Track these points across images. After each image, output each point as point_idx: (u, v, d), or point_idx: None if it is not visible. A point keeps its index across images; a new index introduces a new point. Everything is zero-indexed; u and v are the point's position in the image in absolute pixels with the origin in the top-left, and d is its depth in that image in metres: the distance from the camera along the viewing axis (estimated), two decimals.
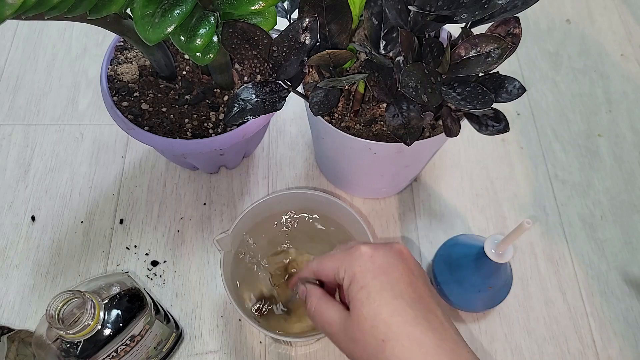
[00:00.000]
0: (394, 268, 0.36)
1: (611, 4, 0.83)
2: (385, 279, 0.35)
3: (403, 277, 0.36)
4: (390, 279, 0.35)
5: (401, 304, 0.34)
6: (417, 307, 0.34)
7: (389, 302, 0.34)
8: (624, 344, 0.56)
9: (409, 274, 0.36)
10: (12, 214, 0.61)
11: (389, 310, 0.34)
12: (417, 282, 0.36)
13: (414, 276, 0.36)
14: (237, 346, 0.54)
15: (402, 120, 0.43)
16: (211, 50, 0.40)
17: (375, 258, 0.36)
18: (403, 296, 0.34)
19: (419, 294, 0.35)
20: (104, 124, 0.68)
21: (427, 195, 0.64)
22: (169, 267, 0.58)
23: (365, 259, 0.36)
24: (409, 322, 0.33)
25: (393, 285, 0.35)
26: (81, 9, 0.35)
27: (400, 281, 0.35)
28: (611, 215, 0.64)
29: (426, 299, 0.35)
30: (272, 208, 0.53)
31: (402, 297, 0.34)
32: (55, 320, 0.37)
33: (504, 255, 0.48)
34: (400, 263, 0.37)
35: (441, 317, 0.35)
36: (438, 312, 0.35)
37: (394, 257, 0.37)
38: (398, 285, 0.35)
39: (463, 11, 0.37)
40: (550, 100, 0.73)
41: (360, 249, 0.37)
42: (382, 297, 0.34)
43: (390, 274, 0.36)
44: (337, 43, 0.43)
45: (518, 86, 0.41)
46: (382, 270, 0.36)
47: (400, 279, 0.35)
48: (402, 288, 0.35)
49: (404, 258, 0.37)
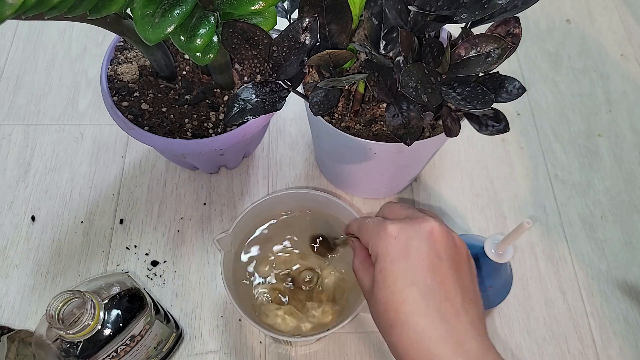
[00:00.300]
0: (416, 252, 0.35)
1: (611, 4, 0.83)
2: (403, 265, 0.35)
3: (424, 262, 0.35)
4: (408, 264, 0.35)
5: (414, 293, 0.34)
6: (431, 297, 0.34)
7: (402, 289, 0.34)
8: (624, 344, 0.56)
9: (432, 258, 0.35)
10: (12, 214, 0.61)
11: (400, 298, 0.34)
12: (441, 267, 0.35)
13: (438, 260, 0.35)
14: (237, 346, 0.54)
15: (402, 120, 0.43)
16: (211, 50, 0.40)
17: (398, 240, 0.36)
18: (418, 284, 0.34)
19: (439, 280, 0.34)
20: (104, 124, 0.68)
21: (427, 195, 0.64)
22: (169, 267, 0.58)
23: (389, 240, 0.36)
24: (417, 312, 0.33)
25: (410, 272, 0.34)
26: (81, 9, 0.35)
27: (419, 267, 0.35)
28: (611, 215, 0.64)
29: (447, 285, 0.34)
30: (272, 208, 0.53)
31: (417, 285, 0.34)
32: (55, 320, 0.37)
33: (504, 255, 0.48)
34: (426, 246, 0.35)
35: (457, 304, 0.34)
36: (456, 300, 0.34)
37: (419, 238, 0.36)
38: (415, 272, 0.34)
39: (463, 11, 0.37)
40: (550, 100, 0.73)
41: (387, 228, 0.36)
42: (396, 283, 0.34)
43: (411, 258, 0.35)
44: (337, 43, 0.43)
45: (518, 86, 0.41)
46: (402, 254, 0.35)
47: (420, 264, 0.35)
48: (420, 275, 0.34)
49: (432, 239, 0.36)
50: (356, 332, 0.55)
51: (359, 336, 0.55)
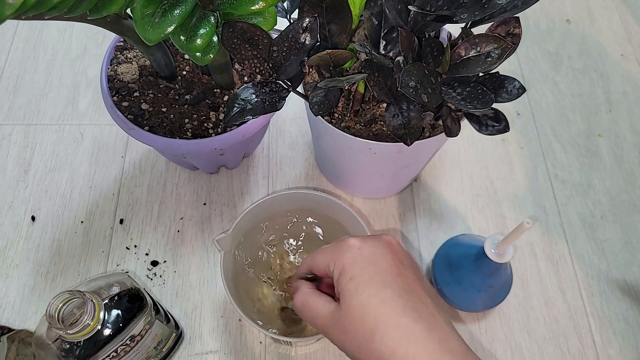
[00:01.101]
0: (382, 258, 0.36)
1: (611, 4, 0.83)
2: (373, 270, 0.36)
3: (392, 267, 0.36)
4: (378, 269, 0.36)
5: (389, 294, 0.34)
6: (405, 297, 0.34)
7: (377, 292, 0.34)
8: (624, 344, 0.56)
9: (397, 265, 0.36)
10: (12, 214, 0.61)
11: (377, 300, 0.34)
12: (406, 272, 0.36)
13: (402, 266, 0.37)
14: (237, 346, 0.54)
15: (402, 120, 0.43)
16: (211, 50, 0.40)
17: (363, 249, 0.37)
18: (392, 286, 0.35)
19: (408, 283, 0.36)
20: (104, 124, 0.68)
21: (427, 195, 0.64)
22: (169, 267, 0.58)
23: (353, 251, 0.37)
24: (397, 311, 0.34)
25: (381, 276, 0.35)
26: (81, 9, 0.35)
27: (388, 271, 0.36)
28: (611, 215, 0.64)
29: (415, 288, 0.36)
30: (272, 208, 0.53)
31: (391, 287, 0.35)
32: (55, 320, 0.37)
33: (504, 255, 0.48)
34: (389, 254, 0.37)
35: (431, 306, 0.35)
36: (427, 302, 0.35)
37: (382, 247, 0.37)
38: (386, 276, 0.35)
39: (463, 11, 0.37)
40: (550, 100, 0.73)
41: (348, 242, 0.38)
42: (370, 287, 0.35)
43: (379, 264, 0.36)
44: (337, 43, 0.43)
45: (518, 86, 0.41)
46: (370, 261, 0.36)
47: (389, 269, 0.36)
48: (391, 278, 0.35)
49: (392, 249, 0.38)
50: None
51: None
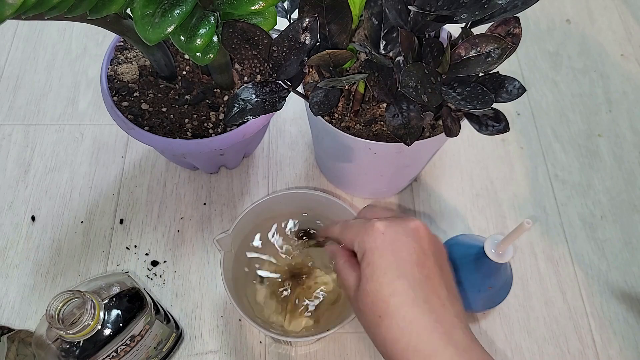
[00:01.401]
0: (404, 247, 0.36)
1: (611, 4, 0.83)
2: (391, 258, 0.36)
3: (412, 256, 0.36)
4: (396, 258, 0.36)
5: (403, 285, 0.35)
6: (419, 288, 0.35)
7: (391, 281, 0.35)
8: (624, 344, 0.56)
9: (418, 253, 0.36)
10: (12, 214, 0.61)
11: (390, 289, 0.35)
12: (427, 262, 0.36)
13: (424, 255, 0.37)
14: (237, 346, 0.54)
15: (402, 120, 0.43)
16: (211, 50, 0.40)
17: (386, 235, 0.37)
18: (407, 276, 0.35)
19: (426, 274, 0.36)
20: (104, 124, 0.68)
21: (427, 195, 0.64)
22: (169, 267, 0.58)
23: (376, 236, 0.37)
24: (407, 302, 0.34)
25: (399, 265, 0.36)
26: (81, 9, 0.35)
27: (407, 260, 0.36)
28: (611, 215, 0.64)
29: (433, 279, 0.36)
30: (272, 208, 0.53)
31: (406, 277, 0.35)
32: (55, 320, 0.37)
33: (504, 255, 0.48)
34: (412, 241, 0.37)
35: (444, 298, 0.35)
36: (442, 293, 0.35)
37: (406, 234, 0.37)
38: (404, 265, 0.36)
39: (463, 11, 0.37)
40: (550, 100, 0.73)
41: (374, 225, 0.38)
42: (385, 276, 0.35)
43: (398, 252, 0.36)
44: (337, 43, 0.43)
45: (518, 86, 0.41)
46: (390, 248, 0.36)
47: (408, 258, 0.36)
48: (408, 268, 0.35)
49: (418, 236, 0.37)
50: (356, 332, 0.55)
51: (358, 336, 0.55)
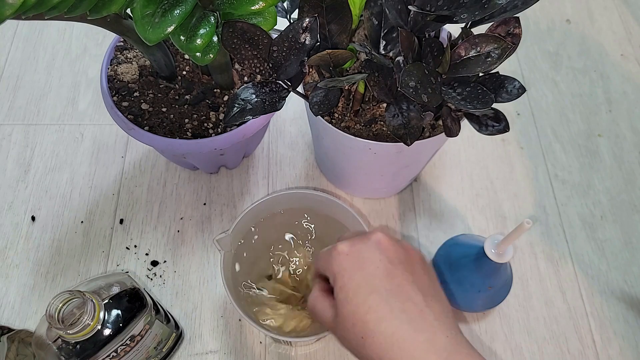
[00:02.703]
0: (370, 262, 0.36)
1: (611, 4, 0.83)
2: (360, 276, 0.36)
3: (379, 269, 0.36)
4: (365, 274, 0.36)
5: (376, 300, 0.35)
6: (393, 299, 0.35)
7: (364, 299, 0.35)
8: (624, 344, 0.56)
9: (385, 265, 0.36)
10: (12, 214, 0.61)
11: (365, 308, 0.35)
12: (395, 271, 0.36)
13: (391, 265, 0.37)
14: (237, 346, 0.54)
15: (402, 120, 0.43)
16: (211, 50, 0.40)
17: (350, 255, 0.37)
18: (379, 290, 0.35)
19: (397, 283, 0.36)
20: (104, 124, 0.68)
21: (427, 195, 0.64)
22: (169, 267, 0.58)
23: (341, 258, 0.37)
24: (384, 317, 0.34)
25: (368, 281, 0.36)
26: (81, 9, 0.35)
27: (375, 275, 0.36)
28: (611, 215, 0.64)
29: (405, 286, 0.36)
30: (272, 208, 0.53)
31: (378, 292, 0.35)
32: (55, 320, 0.37)
33: (504, 255, 0.48)
34: (377, 254, 0.37)
35: (420, 303, 0.35)
36: (417, 299, 0.35)
37: (370, 249, 0.37)
38: (373, 280, 0.36)
39: (463, 11, 0.37)
40: (550, 100, 0.73)
41: (337, 248, 0.38)
42: (358, 295, 0.35)
43: (366, 268, 0.36)
44: (337, 43, 0.43)
45: (518, 86, 0.41)
46: (357, 267, 0.36)
47: (376, 272, 0.36)
48: (377, 282, 0.35)
49: (381, 247, 0.37)
50: None
51: None
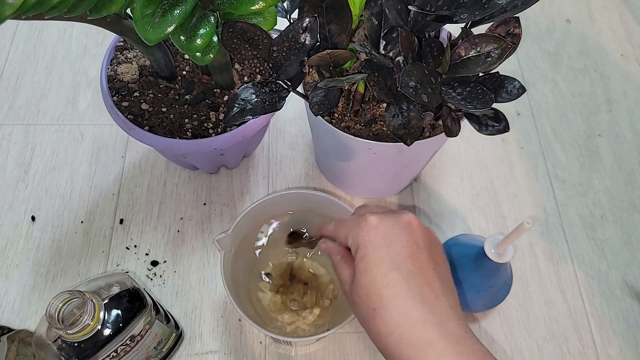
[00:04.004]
0: (397, 239, 0.37)
1: (611, 4, 0.83)
2: (385, 251, 0.36)
3: (405, 249, 0.36)
4: (390, 250, 0.36)
5: (396, 277, 0.35)
6: (412, 280, 0.35)
7: (384, 273, 0.35)
8: (624, 344, 0.56)
9: (411, 246, 0.37)
10: (12, 214, 0.61)
11: (383, 282, 0.35)
12: (420, 254, 0.37)
13: (417, 248, 0.37)
14: (237, 346, 0.54)
15: (402, 120, 0.43)
16: (211, 50, 0.40)
17: (379, 229, 0.37)
18: (400, 268, 0.35)
19: (420, 266, 0.36)
20: (104, 124, 0.68)
21: (427, 195, 0.64)
22: (169, 267, 0.58)
23: (369, 229, 0.37)
24: (400, 294, 0.35)
25: (392, 257, 0.36)
26: (81, 9, 0.35)
27: (400, 253, 0.36)
28: (611, 215, 0.64)
29: (427, 271, 0.36)
30: (272, 208, 0.53)
31: (399, 270, 0.35)
32: (55, 320, 0.37)
33: (504, 255, 0.48)
34: (405, 234, 0.37)
35: (437, 289, 0.36)
36: (435, 285, 0.36)
37: (399, 228, 0.37)
38: (397, 257, 0.36)
39: (463, 11, 0.37)
40: (550, 100, 0.73)
41: (367, 219, 0.38)
42: (378, 268, 0.36)
43: (392, 245, 0.36)
44: (337, 43, 0.43)
45: (518, 86, 0.41)
46: (384, 241, 0.37)
47: (401, 251, 0.36)
48: (401, 260, 0.36)
49: (410, 229, 0.38)
50: (356, 332, 0.55)
51: (359, 336, 0.55)
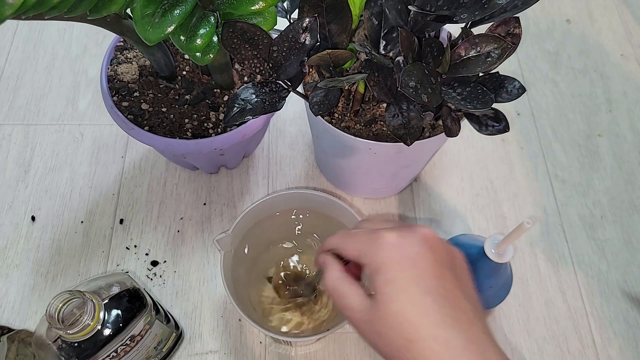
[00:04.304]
0: (422, 259, 0.34)
1: (611, 4, 0.83)
2: (412, 273, 0.33)
3: (431, 269, 0.33)
4: (417, 272, 0.33)
5: (428, 302, 0.32)
6: (445, 305, 0.32)
7: (416, 299, 0.32)
8: (624, 344, 0.56)
9: (437, 266, 0.34)
10: (12, 214, 0.61)
11: (416, 309, 0.32)
12: (446, 274, 0.34)
13: (443, 267, 0.34)
14: (237, 346, 0.54)
15: (402, 120, 0.43)
16: (211, 50, 0.40)
17: (401, 247, 0.34)
18: (431, 292, 0.33)
19: (448, 288, 0.33)
20: (104, 124, 0.68)
21: (427, 195, 0.64)
22: (169, 267, 0.58)
23: (390, 249, 0.34)
24: (436, 322, 0.32)
25: (420, 280, 0.33)
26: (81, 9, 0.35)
27: (427, 274, 0.33)
28: (611, 215, 0.64)
29: (455, 293, 0.33)
30: (272, 208, 0.53)
31: (430, 294, 0.33)
32: (55, 320, 0.37)
33: (504, 255, 0.48)
34: (428, 253, 0.34)
35: (470, 313, 0.33)
36: (467, 308, 0.33)
37: (420, 245, 0.34)
38: (425, 280, 0.33)
39: (463, 11, 0.37)
40: (550, 100, 0.73)
41: (384, 237, 0.34)
42: (409, 293, 0.33)
43: (418, 266, 0.33)
44: (337, 43, 0.43)
45: (518, 86, 0.41)
46: (409, 262, 0.33)
47: (428, 271, 0.33)
48: (430, 283, 0.33)
49: (431, 246, 0.34)
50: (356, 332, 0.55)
51: (359, 336, 0.55)
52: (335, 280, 0.36)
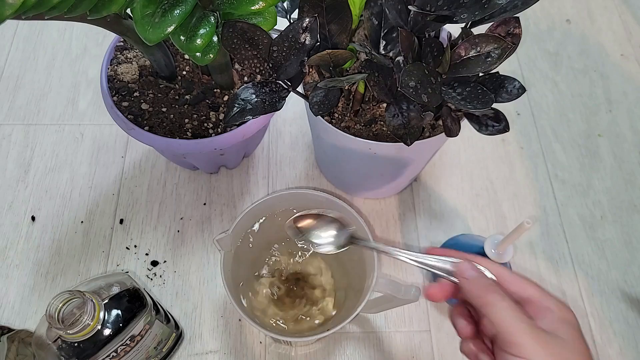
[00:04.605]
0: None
1: (611, 4, 0.83)
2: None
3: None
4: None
5: None
6: None
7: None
8: (624, 344, 0.56)
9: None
10: (12, 214, 0.61)
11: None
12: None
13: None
14: (237, 346, 0.54)
15: (402, 120, 0.43)
16: (211, 50, 0.40)
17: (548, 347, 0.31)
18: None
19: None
20: (104, 124, 0.68)
21: (427, 195, 0.64)
22: (169, 267, 0.58)
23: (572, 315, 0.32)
24: None
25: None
26: (81, 9, 0.35)
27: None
28: (611, 215, 0.64)
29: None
30: (272, 208, 0.53)
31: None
32: (55, 320, 0.37)
33: (504, 255, 0.48)
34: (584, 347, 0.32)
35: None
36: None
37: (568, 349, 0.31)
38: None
39: (463, 11, 0.37)
40: (550, 100, 0.73)
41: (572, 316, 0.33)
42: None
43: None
44: (337, 43, 0.43)
45: (518, 86, 0.41)
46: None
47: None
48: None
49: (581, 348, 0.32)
50: (356, 332, 0.55)
51: (359, 336, 0.55)
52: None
